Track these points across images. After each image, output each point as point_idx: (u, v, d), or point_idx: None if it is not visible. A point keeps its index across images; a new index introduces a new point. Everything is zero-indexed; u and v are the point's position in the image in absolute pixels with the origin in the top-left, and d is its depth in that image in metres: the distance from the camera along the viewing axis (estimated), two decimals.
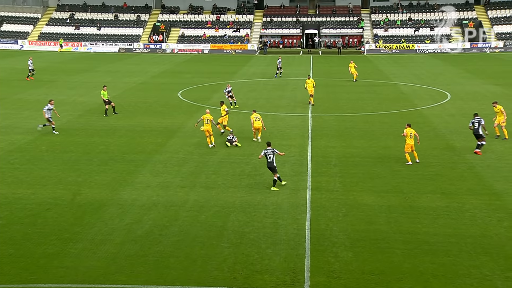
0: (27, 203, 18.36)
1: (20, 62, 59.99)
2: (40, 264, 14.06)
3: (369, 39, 78.15)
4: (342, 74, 50.54)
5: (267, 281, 13.38)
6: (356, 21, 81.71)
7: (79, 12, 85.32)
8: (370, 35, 79.32)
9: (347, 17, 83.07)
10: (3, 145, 25.47)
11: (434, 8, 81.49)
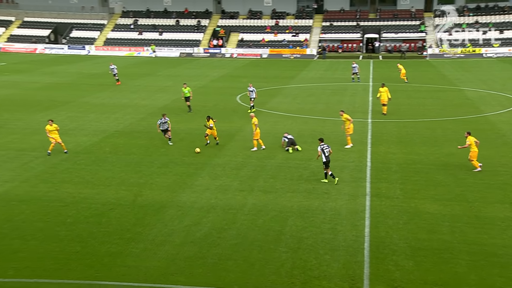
0: (92, 203, 19.00)
1: (86, 67, 62.37)
2: (104, 262, 14.52)
3: (432, 44, 76.13)
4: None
5: (325, 287, 13.23)
6: (418, 25, 79.82)
7: (142, 18, 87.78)
8: (433, 39, 77.24)
9: (409, 20, 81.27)
10: (70, 147, 26.47)
11: (504, 10, 78.28)
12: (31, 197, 19.41)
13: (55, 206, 18.56)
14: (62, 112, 34.85)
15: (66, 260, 14.61)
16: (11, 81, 48.87)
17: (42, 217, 17.63)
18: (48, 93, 42.79)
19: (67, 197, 19.48)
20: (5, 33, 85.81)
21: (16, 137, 27.93)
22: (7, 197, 19.35)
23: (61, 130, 29.16)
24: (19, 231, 16.42)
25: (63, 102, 38.35)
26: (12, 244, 15.58)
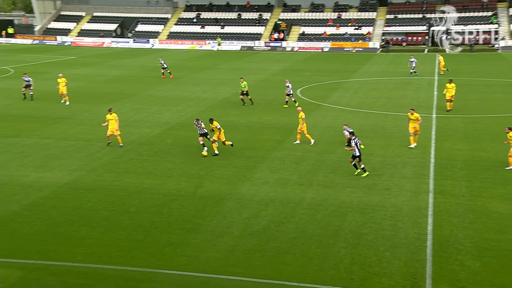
0: (154, 193, 19.45)
1: (150, 60, 63.87)
2: (165, 252, 14.85)
3: (505, 36, 72.75)
4: (472, 73, 47.66)
5: (385, 285, 12.97)
6: (488, 17, 76.47)
7: (205, 12, 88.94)
8: (507, 30, 73.75)
9: (480, 12, 78.02)
10: (134, 138, 27.21)
11: None
12: (97, 186, 20.11)
13: (119, 196, 19.14)
14: (127, 104, 35.88)
15: (129, 248, 15.05)
16: (81, 74, 50.80)
17: (107, 205, 18.23)
18: (115, 86, 44.17)
19: (130, 187, 20.05)
20: (76, 28, 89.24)
21: (84, 128, 29.00)
22: (75, 185, 20.14)
23: (125, 122, 30.12)
24: (86, 219, 17.07)
25: (128, 95, 39.47)
26: (80, 230, 16.21)
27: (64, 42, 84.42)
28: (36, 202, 18.37)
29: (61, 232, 16.05)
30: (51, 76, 46.13)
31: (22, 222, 16.72)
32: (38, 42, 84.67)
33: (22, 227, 16.37)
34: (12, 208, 17.81)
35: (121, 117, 31.48)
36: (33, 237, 15.71)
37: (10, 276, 13.44)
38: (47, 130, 28.42)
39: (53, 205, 18.21)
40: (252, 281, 13.34)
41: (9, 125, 29.11)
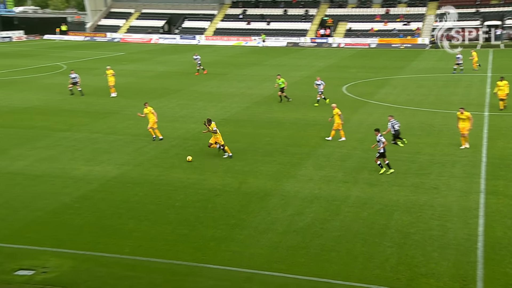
0: (199, 188, 19.64)
1: None
2: (210, 246, 14.98)
3: None
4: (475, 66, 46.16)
5: (433, 286, 12.68)
6: None
7: (251, 8, 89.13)
8: None
9: None
10: (180, 133, 27.57)
11: None
12: (144, 180, 20.47)
13: (165, 190, 19.43)
14: (173, 99, 36.38)
15: (175, 242, 15.26)
16: (129, 70, 51.84)
17: (154, 199, 18.54)
18: (161, 81, 44.86)
19: (176, 182, 20.31)
20: (125, 24, 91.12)
21: (131, 123, 29.57)
22: (123, 179, 20.57)
23: (172, 117, 30.58)
24: (134, 212, 17.41)
25: (175, 90, 40.01)
26: (128, 223, 16.55)
27: (113, 39, 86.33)
28: (86, 195, 18.88)
29: (109, 225, 16.44)
30: (101, 72, 47.28)
31: (73, 214, 17.22)
32: (89, 39, 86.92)
33: (72, 218, 16.85)
34: (63, 200, 18.36)
35: (167, 113, 32.10)
36: (83, 228, 16.15)
37: (62, 265, 13.86)
38: (96, 125, 29.14)
39: (102, 198, 18.67)
40: (296, 278, 13.29)
41: (61, 120, 30.00)
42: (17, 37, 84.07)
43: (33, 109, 33.01)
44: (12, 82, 43.35)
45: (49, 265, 13.81)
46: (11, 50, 68.71)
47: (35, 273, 13.41)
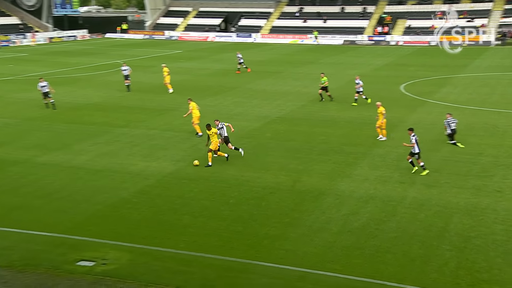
0: (253, 186, 19.71)
1: (252, 54, 64.78)
2: (263, 244, 15.00)
3: None
4: None
5: None
6: None
7: (308, 6, 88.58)
8: None
9: None
10: (234, 131, 27.70)
11: None
12: (199, 176, 20.74)
13: (220, 187, 19.60)
14: (229, 97, 36.67)
15: (229, 238, 15.37)
16: (186, 67, 52.69)
17: (208, 196, 18.75)
18: (217, 79, 45.31)
19: (230, 179, 20.45)
20: (183, 22, 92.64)
21: (187, 120, 29.98)
22: (179, 175, 20.92)
23: (226, 115, 30.83)
24: (188, 208, 17.67)
25: (230, 88, 40.32)
26: (183, 219, 16.82)
27: (171, 37, 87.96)
28: (143, 190, 19.32)
29: (165, 220, 16.76)
30: (158, 69, 48.28)
31: (131, 208, 17.66)
32: (148, 37, 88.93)
33: (130, 213, 17.29)
34: (122, 194, 18.86)
35: (222, 110, 32.41)
36: (140, 223, 16.53)
37: (121, 258, 14.24)
38: (153, 121, 29.77)
39: (158, 193, 19.05)
40: (350, 278, 13.11)
41: (120, 116, 30.84)
42: (81, 36, 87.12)
43: (94, 105, 34.10)
44: (76, 79, 44.95)
45: (109, 257, 14.22)
46: (75, 48, 71.29)
47: (95, 265, 13.85)
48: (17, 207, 17.52)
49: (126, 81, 38.91)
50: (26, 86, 40.09)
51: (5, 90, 38.00)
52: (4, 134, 26.57)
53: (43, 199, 18.24)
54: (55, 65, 52.56)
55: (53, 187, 19.33)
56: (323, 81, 34.58)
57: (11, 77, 44.03)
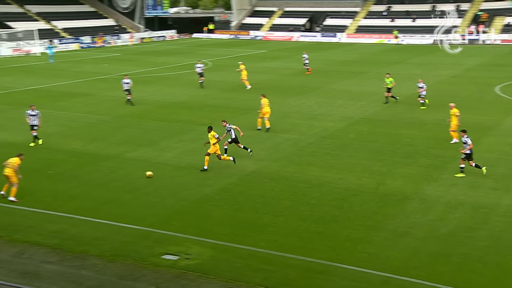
0: (335, 187, 19.46)
1: (336, 54, 64.23)
2: (345, 246, 14.76)
3: None
4: None
5: None
6: None
7: (396, 4, 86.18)
8: None
9: None
10: (317, 131, 27.55)
11: None
12: (280, 176, 20.75)
13: (301, 187, 19.52)
14: (312, 97, 36.46)
15: (309, 239, 15.26)
16: (270, 67, 53.05)
17: (289, 196, 18.72)
18: (300, 79, 45.20)
19: (312, 179, 20.31)
20: (268, 22, 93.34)
21: (270, 119, 30.12)
22: (260, 174, 21.06)
23: (309, 115, 30.74)
24: (269, 207, 17.74)
25: (313, 88, 40.07)
26: (263, 218, 16.91)
27: (256, 37, 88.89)
28: (225, 188, 19.63)
29: (247, 218, 16.92)
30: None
31: (214, 205, 18.00)
32: (233, 37, 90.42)
33: (213, 210, 17.62)
34: (205, 191, 19.27)
35: (305, 110, 32.31)
36: (222, 220, 16.81)
37: (203, 254, 14.54)
38: (237, 120, 30.02)
39: (240, 191, 19.27)
40: (436, 286, 12.58)
41: (205, 115, 31.54)
42: (170, 36, 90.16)
43: (180, 103, 35.13)
44: (164, 78, 46.56)
45: (192, 252, 14.57)
46: (164, 48, 73.87)
47: (179, 259, 14.23)
48: (108, 201, 18.39)
49: (201, 78, 40.56)
50: (118, 84, 42.03)
51: (99, 89, 40.08)
52: (98, 130, 28.00)
53: (132, 193, 19.02)
54: (145, 65, 54.76)
55: (141, 182, 20.10)
56: (388, 82, 33.60)
57: (105, 76, 46.40)
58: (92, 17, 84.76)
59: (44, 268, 13.76)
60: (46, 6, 79.60)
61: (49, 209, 17.42)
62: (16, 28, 67.74)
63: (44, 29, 73.02)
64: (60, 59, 59.07)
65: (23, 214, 17.14)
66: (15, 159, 18.36)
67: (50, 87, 41.07)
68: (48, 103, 33.92)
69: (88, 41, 75.04)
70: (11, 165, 18.21)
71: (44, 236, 15.45)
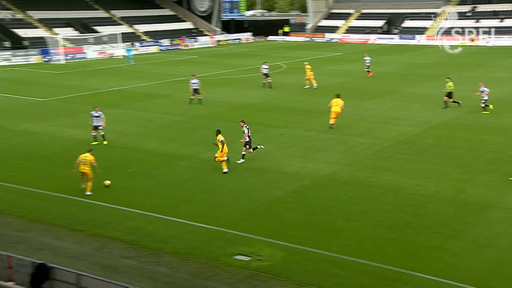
0: (411, 193, 18.89)
1: (415, 57, 62.45)
2: (421, 254, 14.30)
3: None
4: None
5: None
6: None
7: (482, 4, 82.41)
8: None
9: None
10: (393, 135, 26.89)
11: None
12: (354, 180, 20.42)
13: (375, 192, 19.12)
14: (387, 101, 35.62)
15: (383, 245, 14.91)
16: (345, 70, 52.42)
17: (363, 200, 18.38)
18: (376, 82, 44.28)
19: (387, 184, 19.85)
20: (344, 25, 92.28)
21: (345, 123, 29.80)
22: (333, 178, 20.82)
23: (385, 119, 30.15)
24: (342, 211, 17.50)
25: (389, 91, 39.15)
26: (336, 222, 16.70)
27: (331, 39, 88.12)
28: (297, 190, 19.55)
29: (319, 221, 16.77)
30: (318, 71, 48.69)
31: (285, 207, 17.98)
32: (308, 40, 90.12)
33: (285, 212, 17.61)
34: (277, 193, 19.30)
35: (380, 114, 31.68)
36: (294, 222, 16.75)
37: (274, 255, 14.57)
38: (311, 123, 30.02)
39: (313, 195, 19.13)
40: None
41: (278, 117, 31.61)
42: (245, 39, 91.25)
43: (253, 105, 35.41)
44: (238, 80, 47.13)
45: (263, 253, 14.63)
46: (239, 50, 74.87)
47: (251, 260, 14.33)
48: (183, 200, 18.84)
49: (267, 78, 41.43)
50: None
51: (176, 90, 41.17)
52: (175, 131, 28.77)
53: (206, 193, 19.38)
54: (220, 67, 55.71)
55: (215, 183, 20.44)
56: (448, 86, 32.20)
57: (182, 77, 47.62)
58: (171, 21, 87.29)
59: (122, 262, 14.29)
60: (129, 11, 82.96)
61: (127, 206, 18.09)
62: (101, 32, 71.08)
63: (127, 32, 76.09)
64: (141, 61, 61.33)
65: (103, 210, 17.89)
66: (89, 156, 19.26)
67: (131, 88, 42.71)
68: (128, 104, 35.28)
69: (167, 43, 77.37)
70: (87, 161, 19.08)
71: (122, 232, 16.05)
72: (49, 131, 28.27)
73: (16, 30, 64.72)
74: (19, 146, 25.40)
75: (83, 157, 19.17)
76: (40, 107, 28.07)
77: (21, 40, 62.25)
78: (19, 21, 67.81)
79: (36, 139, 25.19)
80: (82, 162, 19.07)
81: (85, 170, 19.02)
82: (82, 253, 14.83)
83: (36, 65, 58.62)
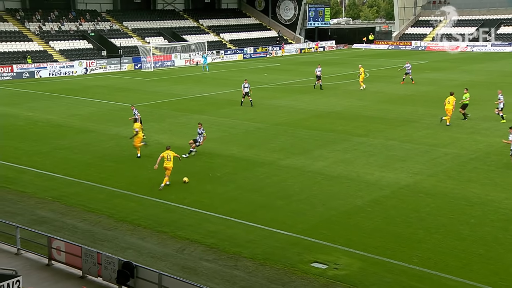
0: (499, 207, 18.03)
1: (509, 65, 59.25)
2: (510, 272, 13.61)
3: None
4: None
5: None
6: None
7: None
8: None
9: None
10: (481, 146, 25.76)
11: None
12: (437, 191, 19.75)
13: (460, 204, 18.40)
14: (475, 111, 33.88)
15: (467, 260, 14.32)
16: (430, 78, 50.79)
17: (446, 213, 17.74)
18: (463, 91, 42.44)
19: (473, 197, 19.05)
20: (432, 32, 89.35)
21: (429, 132, 28.90)
22: (415, 188, 20.24)
23: (473, 129, 28.94)
24: (424, 223, 16.98)
25: (478, 101, 37.26)
26: (417, 233, 16.23)
27: (417, 47, 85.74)
28: (377, 200, 19.20)
29: (399, 232, 16.37)
30: (399, 80, 47.56)
31: (364, 217, 17.71)
32: (393, 47, 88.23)
33: (363, 221, 17.34)
34: (356, 202, 19.05)
35: (467, 124, 30.57)
36: (373, 232, 16.46)
37: (352, 265, 14.40)
38: (392, 132, 29.36)
39: (393, 205, 18.71)
40: None
41: (360, 125, 31.19)
42: (328, 47, 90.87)
43: (335, 113, 35.15)
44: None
45: (340, 262, 14.50)
46: (322, 58, 74.54)
47: (328, 268, 14.25)
48: (262, 206, 19.06)
49: (319, 81, 44.21)
50: (276, 93, 43.45)
51: (258, 97, 41.71)
52: (255, 137, 29.17)
53: (284, 200, 19.48)
54: (301, 74, 55.76)
55: (293, 189, 20.51)
56: (465, 97, 30.68)
57: (264, 85, 48.20)
58: (256, 29, 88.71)
59: (201, 265, 14.69)
60: (216, 20, 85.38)
61: (207, 209, 18.57)
62: (189, 40, 73.55)
63: (213, 41, 78.24)
64: (224, 68, 62.72)
65: (184, 213, 18.49)
66: (171, 152, 20.70)
67: (215, 95, 43.79)
68: (212, 110, 36.21)
69: (250, 51, 78.63)
70: (171, 157, 20.51)
71: (202, 235, 16.50)
72: None
73: (113, 40, 68.47)
74: (110, 149, 26.81)
75: (167, 154, 20.61)
76: (130, 113, 29.46)
77: (116, 49, 65.78)
78: (116, 31, 71.75)
79: (126, 143, 26.48)
80: (166, 158, 20.52)
81: (168, 166, 20.46)
82: (164, 253, 15.40)
83: (128, 72, 61.66)
